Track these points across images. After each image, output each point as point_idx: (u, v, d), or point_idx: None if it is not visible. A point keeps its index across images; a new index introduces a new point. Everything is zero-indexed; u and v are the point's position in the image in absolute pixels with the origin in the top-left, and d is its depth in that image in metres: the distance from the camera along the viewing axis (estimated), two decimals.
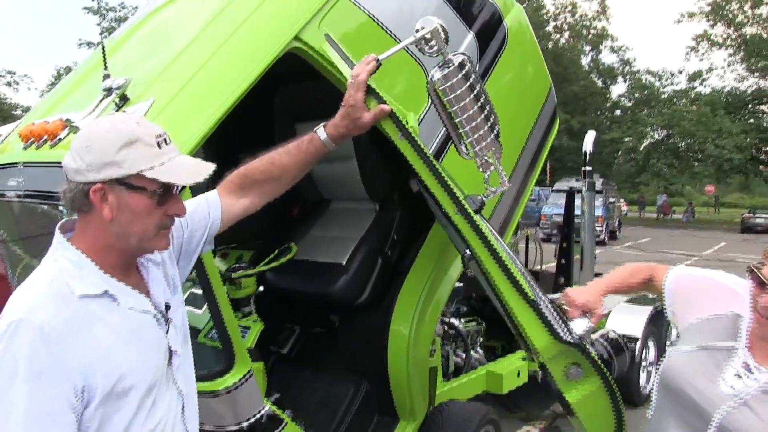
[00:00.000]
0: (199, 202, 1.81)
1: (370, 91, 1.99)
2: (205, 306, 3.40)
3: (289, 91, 3.65)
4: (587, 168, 5.38)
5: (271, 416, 2.61)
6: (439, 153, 3.20)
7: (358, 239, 3.42)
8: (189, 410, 1.62)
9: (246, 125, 3.22)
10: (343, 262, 3.34)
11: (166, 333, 1.53)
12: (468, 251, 2.63)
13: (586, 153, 5.37)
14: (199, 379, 2.59)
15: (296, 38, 2.60)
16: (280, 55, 2.57)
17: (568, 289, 2.13)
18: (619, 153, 38.79)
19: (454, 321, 4.53)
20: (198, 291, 3.48)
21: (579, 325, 2.07)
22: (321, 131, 1.91)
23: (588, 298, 2.05)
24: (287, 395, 3.55)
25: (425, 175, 2.21)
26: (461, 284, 4.72)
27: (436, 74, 2.13)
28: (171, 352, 1.54)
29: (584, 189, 5.42)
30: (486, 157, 2.28)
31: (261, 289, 3.17)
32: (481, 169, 2.34)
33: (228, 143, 2.97)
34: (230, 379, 2.49)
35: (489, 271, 2.50)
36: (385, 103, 2.07)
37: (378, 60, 1.94)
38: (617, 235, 23.82)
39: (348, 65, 2.35)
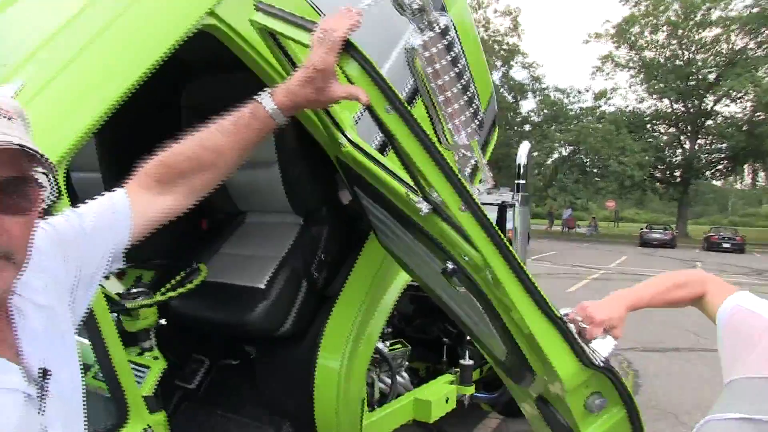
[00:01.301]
0: (100, 205, 1.30)
1: (349, 54, 1.50)
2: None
3: (201, 86, 3.14)
4: (521, 181, 5.06)
5: None
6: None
7: (280, 259, 2.95)
8: None
9: (153, 126, 2.69)
10: (262, 286, 2.85)
11: (41, 412, 1.04)
12: (450, 264, 2.07)
13: (520, 165, 5.04)
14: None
15: (211, 13, 2.12)
16: (189, 34, 2.08)
17: (585, 303, 1.77)
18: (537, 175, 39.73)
19: (380, 344, 4.13)
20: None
21: (603, 346, 1.76)
22: (267, 100, 1.39)
23: (610, 314, 1.72)
24: None
25: (421, 160, 1.70)
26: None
27: (415, 40, 1.64)
28: None
29: (518, 203, 5.11)
30: (463, 151, 1.85)
31: (163, 321, 2.63)
32: (459, 165, 1.90)
33: (131, 145, 2.44)
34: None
35: (502, 281, 1.94)
36: (372, 70, 1.52)
37: (361, 14, 1.45)
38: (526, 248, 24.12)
39: (307, 26, 1.74)
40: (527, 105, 57.04)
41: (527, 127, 42.34)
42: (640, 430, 2.24)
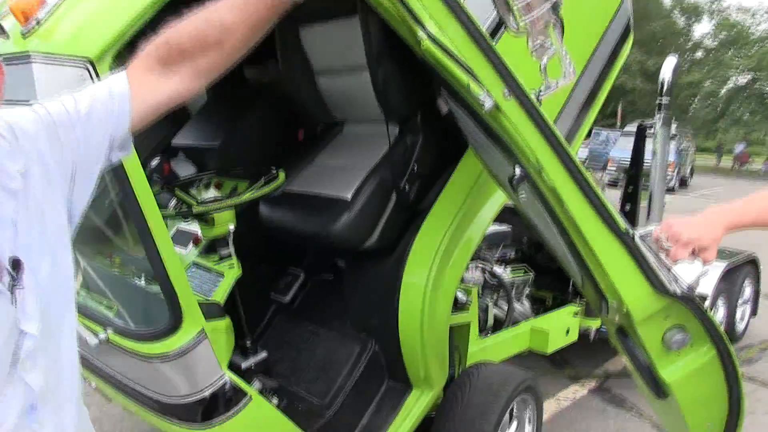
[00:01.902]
0: (97, 89, 1.20)
1: None
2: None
3: None
4: (664, 100, 4.49)
5: (236, 387, 2.07)
6: None
7: (368, 169, 2.79)
8: (48, 411, 1.07)
9: None
10: (348, 197, 2.72)
11: (13, 303, 0.98)
12: (518, 168, 1.81)
13: (663, 82, 4.47)
14: (141, 338, 2.10)
15: None
16: None
17: (672, 219, 1.49)
18: (697, 98, 36.48)
19: (498, 269, 3.93)
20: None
21: (688, 271, 1.48)
22: None
23: (700, 233, 1.44)
24: (284, 352, 3.03)
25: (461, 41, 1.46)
26: (509, 227, 4.13)
27: None
28: (21, 333, 1.00)
29: (658, 124, 4.57)
30: (542, 38, 1.57)
31: (231, 226, 2.58)
32: (535, 56, 1.63)
33: None
34: (176, 342, 1.95)
35: (556, 184, 1.70)
36: None
37: None
38: (688, 183, 22.40)
39: None
40: (700, 29, 52.12)
41: (699, 54, 38.74)
42: (734, 377, 1.88)
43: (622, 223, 1.65)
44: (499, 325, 3.86)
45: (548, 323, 4.00)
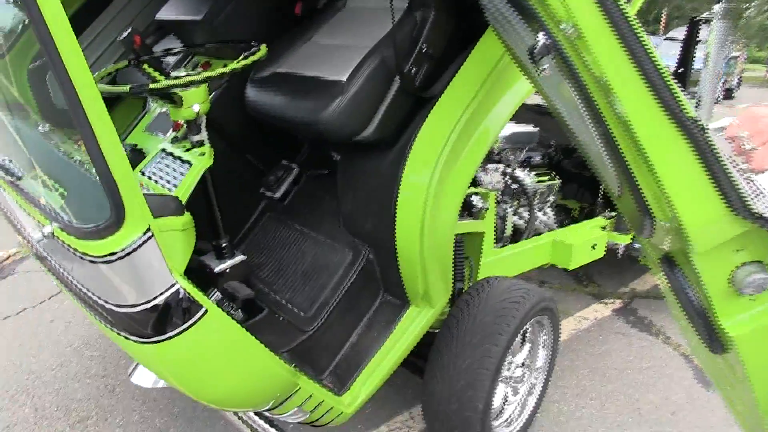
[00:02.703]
0: None
1: None
2: None
3: None
4: None
5: (190, 298, 1.73)
6: None
7: (369, 48, 2.36)
8: None
9: None
10: (343, 79, 2.30)
11: None
12: (543, 35, 1.33)
13: None
14: (82, 235, 1.75)
15: None
16: None
17: (757, 108, 1.10)
18: (754, 2, 34.28)
19: (520, 173, 3.52)
20: None
21: None
22: None
23: None
24: (269, 254, 2.70)
25: None
26: (536, 128, 3.69)
27: None
28: None
29: (716, 18, 3.98)
30: None
31: (196, 107, 2.16)
32: None
33: None
34: (117, 242, 1.61)
35: (598, 56, 1.24)
36: None
37: None
38: (733, 95, 21.24)
39: None
40: None
41: None
42: None
43: (690, 109, 1.18)
44: (518, 235, 3.50)
45: (573, 236, 3.61)
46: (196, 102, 2.10)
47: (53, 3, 1.36)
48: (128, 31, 2.35)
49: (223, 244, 2.34)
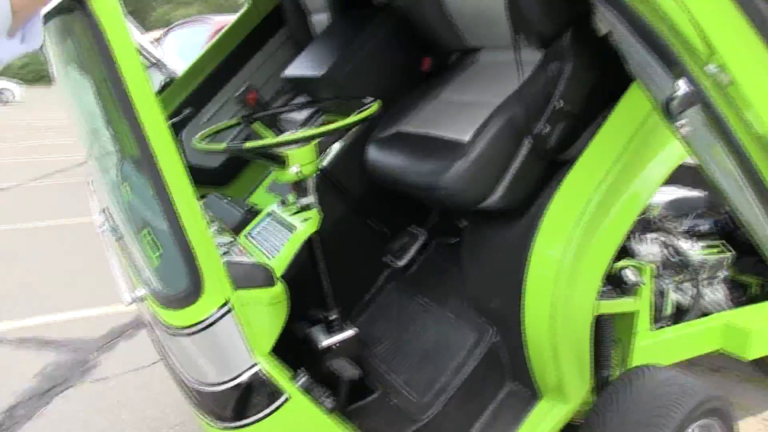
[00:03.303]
0: None
1: None
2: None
3: None
4: None
5: (272, 382, 1.56)
6: None
7: (496, 105, 2.13)
8: None
9: None
10: (466, 139, 2.09)
11: None
12: (685, 81, 1.15)
13: None
14: (163, 302, 1.65)
15: None
16: None
17: None
18: None
19: (684, 243, 3.08)
20: None
21: None
22: None
23: None
24: (388, 328, 2.49)
25: None
26: (703, 193, 3.25)
27: None
28: None
29: None
30: None
31: (294, 169, 2.01)
32: None
33: None
34: (193, 314, 1.48)
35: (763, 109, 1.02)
36: None
37: None
38: None
39: None
40: None
41: None
42: None
43: None
44: (681, 315, 3.04)
45: (751, 319, 3.07)
46: (298, 162, 1.97)
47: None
48: (244, 87, 2.31)
49: (332, 317, 2.16)
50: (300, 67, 2.83)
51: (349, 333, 2.18)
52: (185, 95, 3.26)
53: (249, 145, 1.79)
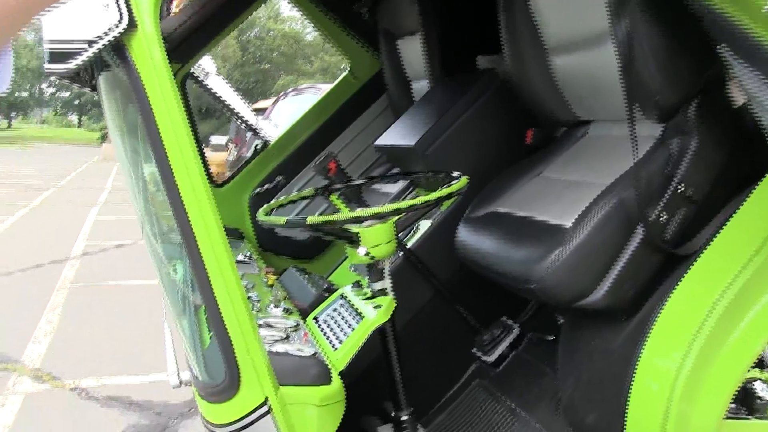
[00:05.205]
0: None
1: None
2: None
3: None
4: None
5: None
6: None
7: (604, 186, 1.85)
8: None
9: None
10: (568, 225, 1.81)
11: None
12: None
13: None
14: (202, 392, 1.46)
15: None
16: None
17: None
18: None
19: None
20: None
21: None
22: None
23: None
24: None
25: None
26: None
27: None
28: None
29: None
30: None
31: (361, 250, 1.77)
32: None
33: None
34: (229, 411, 1.28)
35: None
36: None
37: None
38: None
39: None
40: None
41: None
42: None
43: None
44: None
45: None
46: (368, 244, 1.74)
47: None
48: (324, 154, 2.15)
49: (403, 418, 1.89)
50: (392, 137, 2.66)
51: None
52: (276, 163, 3.17)
53: (312, 220, 1.59)
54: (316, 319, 1.97)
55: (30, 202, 13.81)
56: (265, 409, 1.28)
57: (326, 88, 7.85)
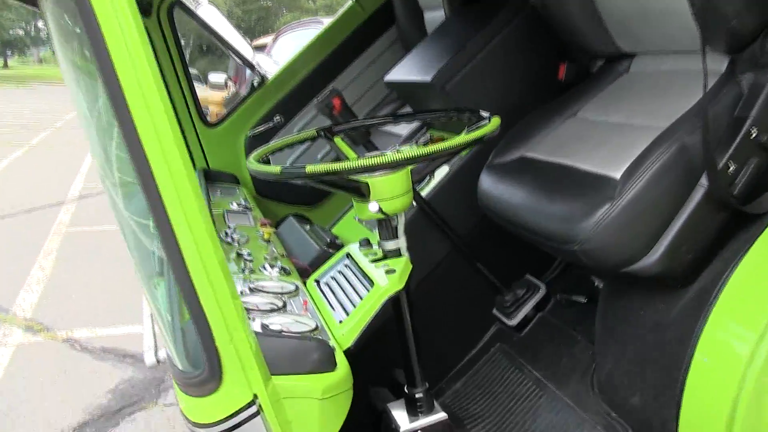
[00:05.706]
0: None
1: None
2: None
3: None
4: None
5: None
6: None
7: (662, 130, 1.56)
8: None
9: None
10: (617, 176, 1.53)
11: None
12: None
13: None
14: (179, 380, 1.20)
15: None
16: None
17: None
18: None
19: None
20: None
21: None
22: None
23: None
24: (489, 405, 1.96)
25: None
26: None
27: None
28: None
29: None
30: None
31: (373, 206, 1.47)
32: None
33: None
34: (214, 408, 1.03)
35: None
36: None
37: None
38: None
39: None
40: None
41: None
42: None
43: None
44: None
45: None
46: (379, 198, 1.45)
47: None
48: (327, 91, 1.86)
49: (417, 395, 1.64)
50: (404, 71, 2.35)
51: (438, 416, 1.65)
52: (275, 101, 2.87)
53: (311, 169, 1.29)
54: (317, 281, 1.70)
55: (26, 143, 13.50)
56: (254, 409, 1.03)
57: (330, 21, 7.46)
